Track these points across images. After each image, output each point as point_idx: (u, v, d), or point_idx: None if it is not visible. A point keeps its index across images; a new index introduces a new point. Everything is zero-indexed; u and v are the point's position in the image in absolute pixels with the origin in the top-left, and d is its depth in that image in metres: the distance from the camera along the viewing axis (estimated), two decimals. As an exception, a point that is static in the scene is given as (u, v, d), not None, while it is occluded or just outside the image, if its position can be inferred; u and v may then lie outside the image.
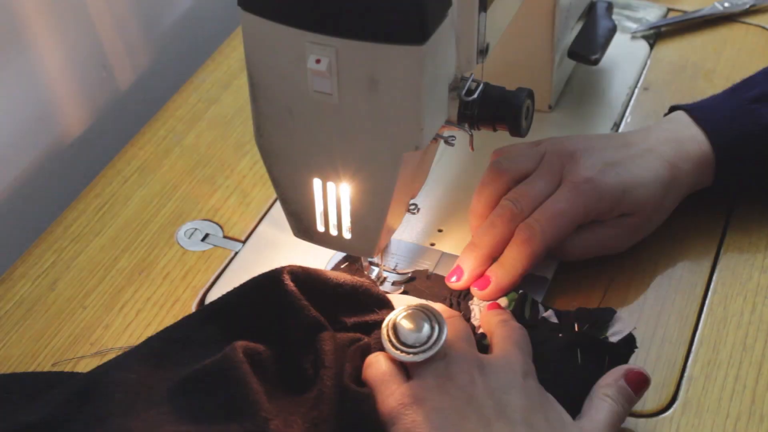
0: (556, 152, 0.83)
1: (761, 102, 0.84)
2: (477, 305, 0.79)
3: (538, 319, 0.77)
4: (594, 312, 0.76)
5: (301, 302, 0.72)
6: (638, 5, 1.10)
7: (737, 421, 0.72)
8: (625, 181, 0.81)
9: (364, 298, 0.75)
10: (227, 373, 0.67)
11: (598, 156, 0.82)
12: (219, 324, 0.74)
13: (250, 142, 0.95)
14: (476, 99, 0.71)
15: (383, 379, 0.70)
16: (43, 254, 0.87)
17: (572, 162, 0.82)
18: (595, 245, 0.82)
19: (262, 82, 0.69)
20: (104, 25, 1.02)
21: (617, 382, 0.71)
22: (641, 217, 0.82)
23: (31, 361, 0.78)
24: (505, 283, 0.79)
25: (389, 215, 0.72)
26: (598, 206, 0.80)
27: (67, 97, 1.00)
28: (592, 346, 0.73)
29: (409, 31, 0.63)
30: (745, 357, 0.76)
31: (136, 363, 0.71)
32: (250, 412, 0.65)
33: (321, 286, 0.74)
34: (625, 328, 0.74)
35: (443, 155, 0.92)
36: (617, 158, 0.82)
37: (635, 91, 1.00)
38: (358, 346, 0.72)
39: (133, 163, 0.95)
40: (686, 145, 0.84)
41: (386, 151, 0.68)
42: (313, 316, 0.72)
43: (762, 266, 0.83)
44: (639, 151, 0.83)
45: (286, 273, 0.73)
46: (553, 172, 0.82)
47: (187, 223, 0.89)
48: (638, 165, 0.82)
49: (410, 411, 0.67)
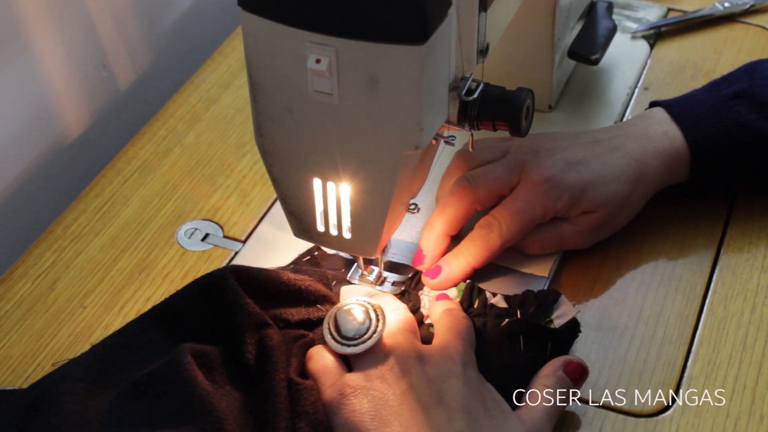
0: (521, 148, 0.83)
1: (739, 98, 0.84)
2: (427, 296, 0.80)
3: (485, 306, 0.78)
4: (539, 295, 0.77)
5: (244, 300, 0.72)
6: (638, 5, 1.10)
7: (737, 421, 0.72)
8: (585, 179, 0.81)
9: (307, 295, 0.76)
10: (177, 375, 0.68)
11: (560, 155, 0.82)
12: (164, 326, 0.74)
13: (250, 142, 0.95)
14: (476, 99, 0.71)
15: (324, 370, 0.72)
16: (43, 254, 0.87)
17: (535, 160, 0.82)
18: (556, 241, 0.82)
19: (262, 82, 0.69)
20: (104, 25, 1.02)
21: (556, 372, 0.72)
22: (602, 214, 0.82)
23: (31, 361, 0.78)
24: (455, 274, 0.80)
25: (389, 215, 0.72)
26: (557, 205, 0.80)
27: (67, 97, 1.00)
28: (534, 332, 0.74)
29: (410, 31, 0.63)
30: (745, 357, 0.76)
31: (83, 372, 0.70)
32: (203, 413, 0.66)
33: (265, 284, 0.75)
34: (569, 311, 0.75)
35: (443, 155, 0.92)
36: (580, 157, 0.82)
37: (635, 91, 1.00)
38: (303, 342, 0.74)
39: (133, 163, 0.95)
40: (656, 141, 0.84)
41: (386, 151, 0.68)
42: (257, 314, 0.72)
43: (762, 266, 0.83)
44: (605, 149, 0.83)
45: (229, 273, 0.73)
46: (513, 164, 0.82)
47: (187, 223, 0.89)
48: (602, 162, 0.82)
49: (349, 400, 0.69)
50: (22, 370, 0.78)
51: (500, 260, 0.83)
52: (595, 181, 0.81)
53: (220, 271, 0.74)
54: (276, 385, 0.69)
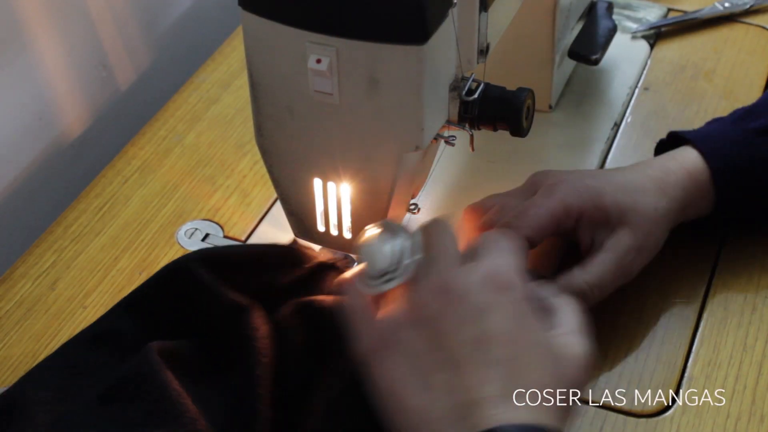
0: (539, 182, 0.80)
1: (766, 135, 0.81)
2: None
3: None
4: None
5: (215, 288, 0.70)
6: (638, 5, 1.10)
7: (737, 421, 0.72)
8: (601, 186, 0.78)
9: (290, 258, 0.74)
10: (145, 378, 0.66)
11: (580, 173, 0.80)
12: (133, 321, 0.72)
13: (251, 142, 0.95)
14: (476, 99, 0.71)
15: (353, 318, 0.64)
16: (43, 254, 0.87)
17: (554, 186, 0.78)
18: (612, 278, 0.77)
19: (263, 82, 0.69)
20: (104, 25, 1.02)
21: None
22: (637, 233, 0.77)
23: (31, 361, 0.78)
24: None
25: (389, 215, 0.72)
26: (578, 201, 0.77)
27: (67, 97, 1.00)
28: None
29: (410, 31, 0.63)
30: (745, 357, 0.76)
31: (54, 377, 0.69)
32: (175, 414, 0.64)
33: (239, 259, 0.72)
34: None
35: (443, 155, 0.92)
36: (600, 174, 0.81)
37: (635, 91, 1.00)
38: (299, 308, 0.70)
39: (133, 163, 0.95)
40: (677, 174, 0.80)
41: (386, 151, 0.68)
42: (230, 300, 0.70)
43: (762, 266, 0.83)
44: (628, 179, 0.80)
45: (193, 261, 0.71)
46: (530, 191, 0.80)
47: (187, 223, 0.89)
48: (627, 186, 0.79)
49: (377, 358, 0.61)
50: (22, 370, 0.77)
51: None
52: (618, 188, 0.78)
53: (181, 259, 0.72)
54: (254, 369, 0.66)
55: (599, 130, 0.95)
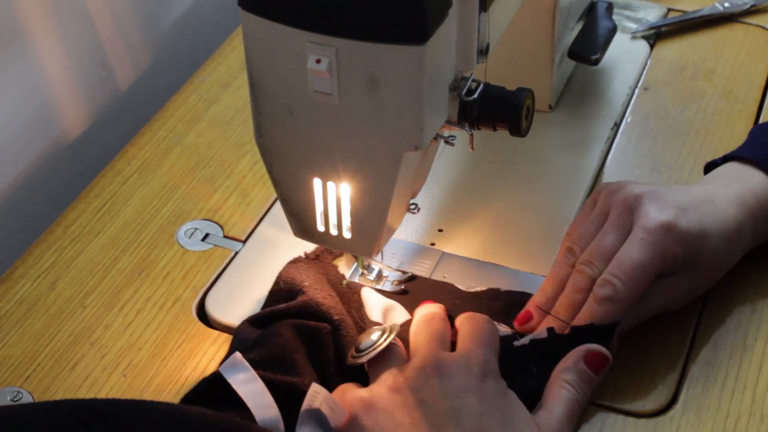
0: (620, 200, 0.77)
1: None
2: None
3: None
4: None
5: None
6: (638, 5, 1.10)
7: (737, 421, 0.72)
8: (703, 222, 0.75)
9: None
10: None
11: (668, 198, 0.76)
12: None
13: (250, 142, 0.95)
14: (476, 99, 0.71)
15: (338, 390, 0.71)
16: (43, 254, 0.87)
17: (640, 206, 0.76)
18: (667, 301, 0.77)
19: (262, 82, 0.69)
20: (104, 25, 1.02)
21: (577, 365, 0.70)
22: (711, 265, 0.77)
23: (31, 361, 0.78)
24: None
25: (389, 215, 0.72)
26: (677, 251, 0.74)
27: (67, 97, 1.00)
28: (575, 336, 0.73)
29: (410, 31, 0.63)
30: (745, 357, 0.76)
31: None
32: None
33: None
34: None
35: (443, 155, 0.92)
36: (688, 201, 0.76)
37: (635, 91, 1.00)
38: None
39: (133, 163, 0.95)
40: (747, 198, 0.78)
41: (386, 151, 0.68)
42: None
43: (762, 266, 0.83)
44: (705, 195, 0.78)
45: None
46: (621, 223, 0.76)
47: (187, 222, 0.89)
48: (712, 207, 0.77)
49: (361, 417, 0.67)
50: (22, 370, 0.78)
51: (501, 260, 0.83)
52: (714, 225, 0.76)
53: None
54: None
55: (599, 130, 0.96)
